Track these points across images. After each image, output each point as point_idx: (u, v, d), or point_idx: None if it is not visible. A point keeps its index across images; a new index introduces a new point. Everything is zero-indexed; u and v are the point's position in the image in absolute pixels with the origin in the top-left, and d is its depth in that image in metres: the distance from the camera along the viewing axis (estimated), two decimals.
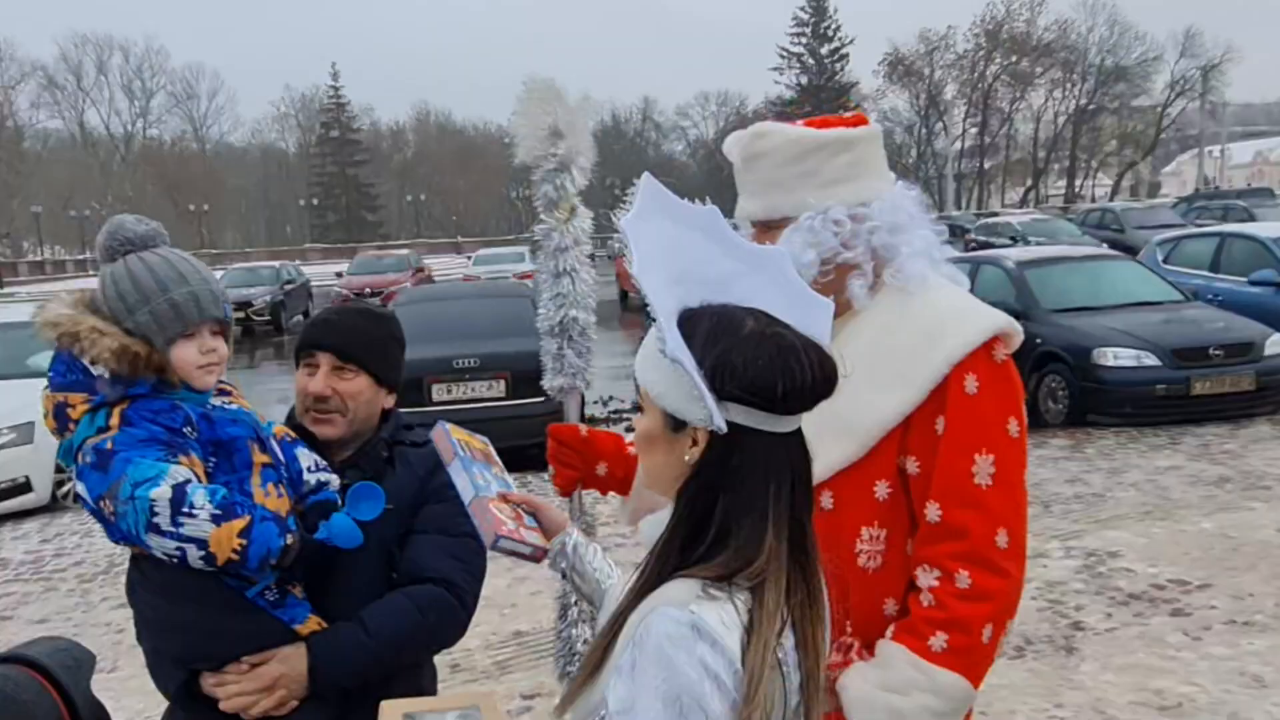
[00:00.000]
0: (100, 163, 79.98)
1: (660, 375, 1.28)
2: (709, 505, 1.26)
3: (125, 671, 4.90)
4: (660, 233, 1.34)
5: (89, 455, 1.69)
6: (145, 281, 1.76)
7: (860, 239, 1.70)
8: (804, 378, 1.25)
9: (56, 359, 1.78)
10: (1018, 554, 1.62)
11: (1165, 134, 66.91)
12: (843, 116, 1.79)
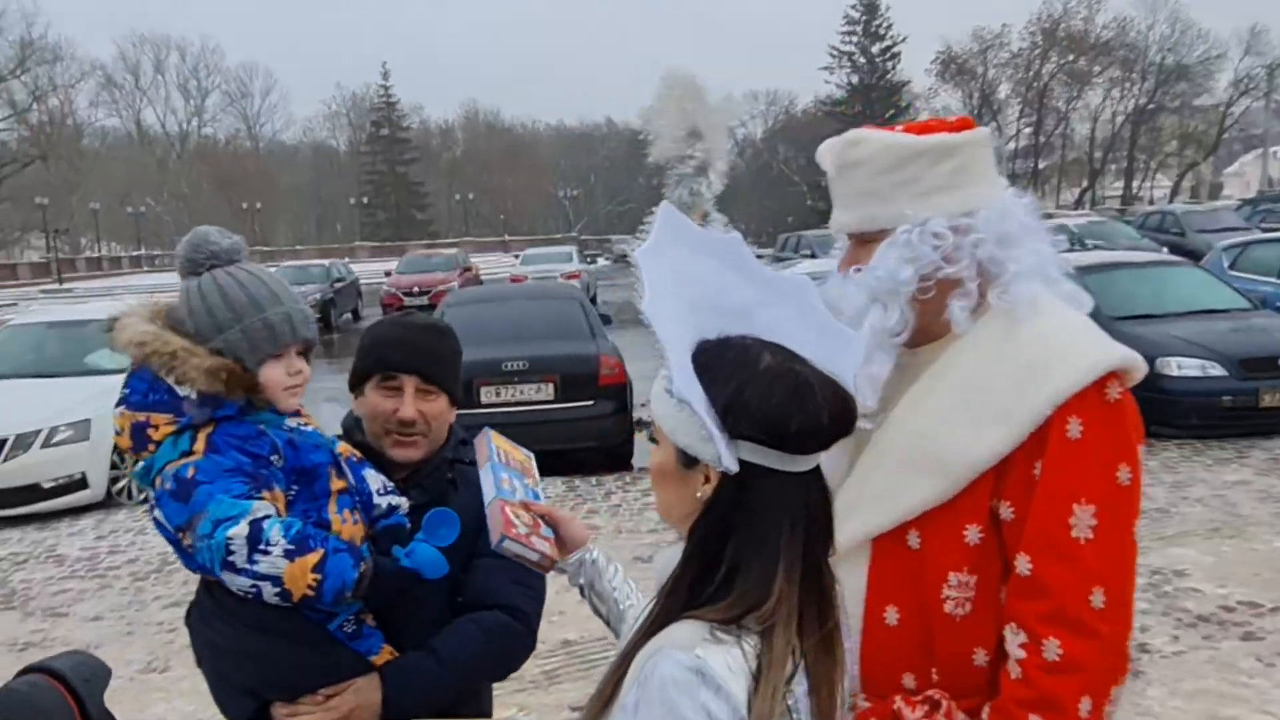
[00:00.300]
0: (156, 160, 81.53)
1: (671, 411, 1.26)
2: (719, 544, 1.23)
3: (177, 672, 4.92)
4: (676, 262, 1.32)
5: (169, 482, 1.65)
6: (238, 298, 1.72)
7: (964, 253, 1.56)
8: (819, 417, 1.21)
9: (136, 376, 1.73)
10: (1116, 615, 1.46)
11: (1228, 134, 65.34)
12: (946, 120, 1.65)
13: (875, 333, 1.57)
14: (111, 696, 4.96)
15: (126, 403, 1.73)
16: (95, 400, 8.31)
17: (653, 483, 1.36)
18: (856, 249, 1.65)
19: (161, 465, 1.67)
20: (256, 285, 1.74)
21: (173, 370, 1.67)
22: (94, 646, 5.27)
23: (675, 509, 1.31)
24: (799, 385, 1.22)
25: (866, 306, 1.58)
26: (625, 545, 6.40)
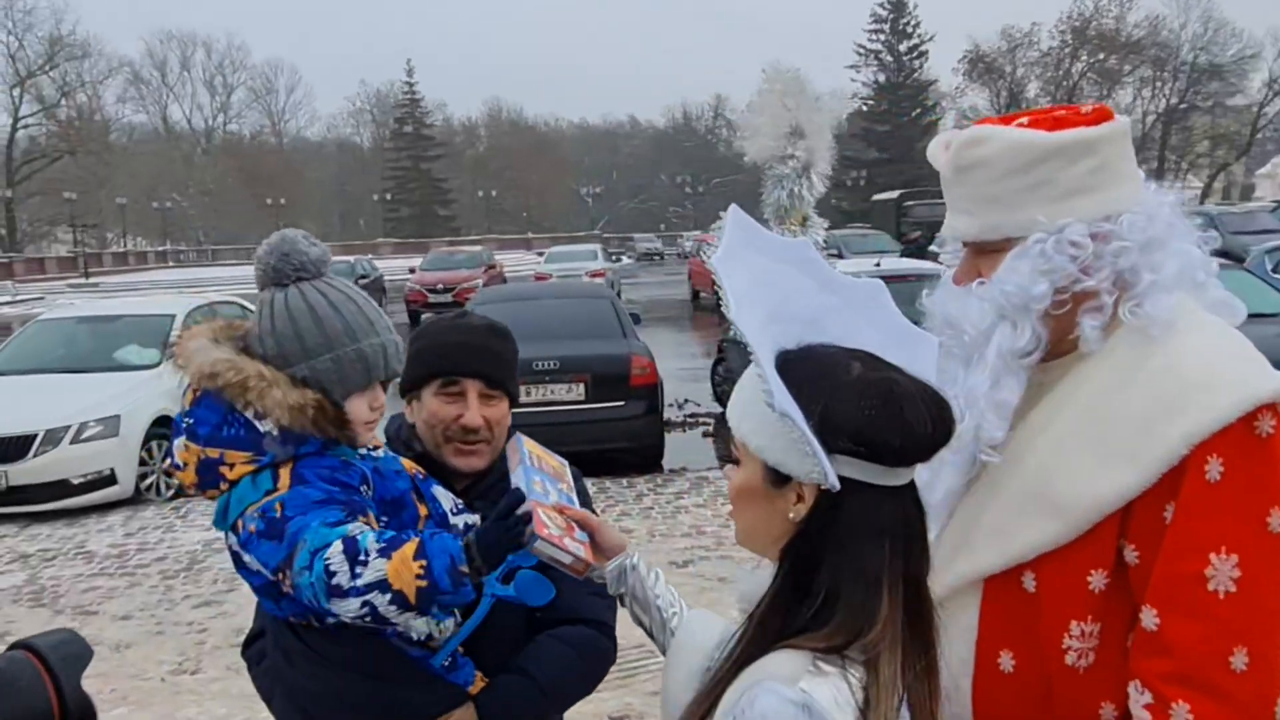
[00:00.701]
0: (183, 156, 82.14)
1: (760, 425, 1.18)
2: (815, 567, 1.16)
3: (209, 674, 4.85)
4: (751, 268, 1.25)
5: (256, 523, 1.48)
6: (332, 324, 1.55)
7: (1104, 262, 1.37)
8: (922, 429, 1.14)
9: (202, 404, 1.54)
10: (1262, 678, 1.27)
11: (1261, 134, 64.51)
12: (1080, 110, 1.44)
13: (1003, 354, 1.40)
14: (143, 699, 4.90)
15: (195, 435, 1.54)
16: (125, 396, 8.30)
17: (733, 505, 1.27)
18: (976, 259, 1.47)
19: (243, 507, 1.51)
20: (352, 310, 1.57)
21: (252, 403, 1.50)
22: (124, 646, 5.22)
23: (761, 532, 1.23)
24: (897, 394, 1.14)
25: (993, 324, 1.41)
26: (660, 550, 6.28)
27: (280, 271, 1.58)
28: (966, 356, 1.43)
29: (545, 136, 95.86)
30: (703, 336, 20.45)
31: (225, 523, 1.54)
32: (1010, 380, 1.40)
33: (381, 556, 1.41)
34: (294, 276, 1.58)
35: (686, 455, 9.63)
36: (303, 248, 1.59)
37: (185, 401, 1.58)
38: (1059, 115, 1.44)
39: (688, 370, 14.36)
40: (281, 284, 1.58)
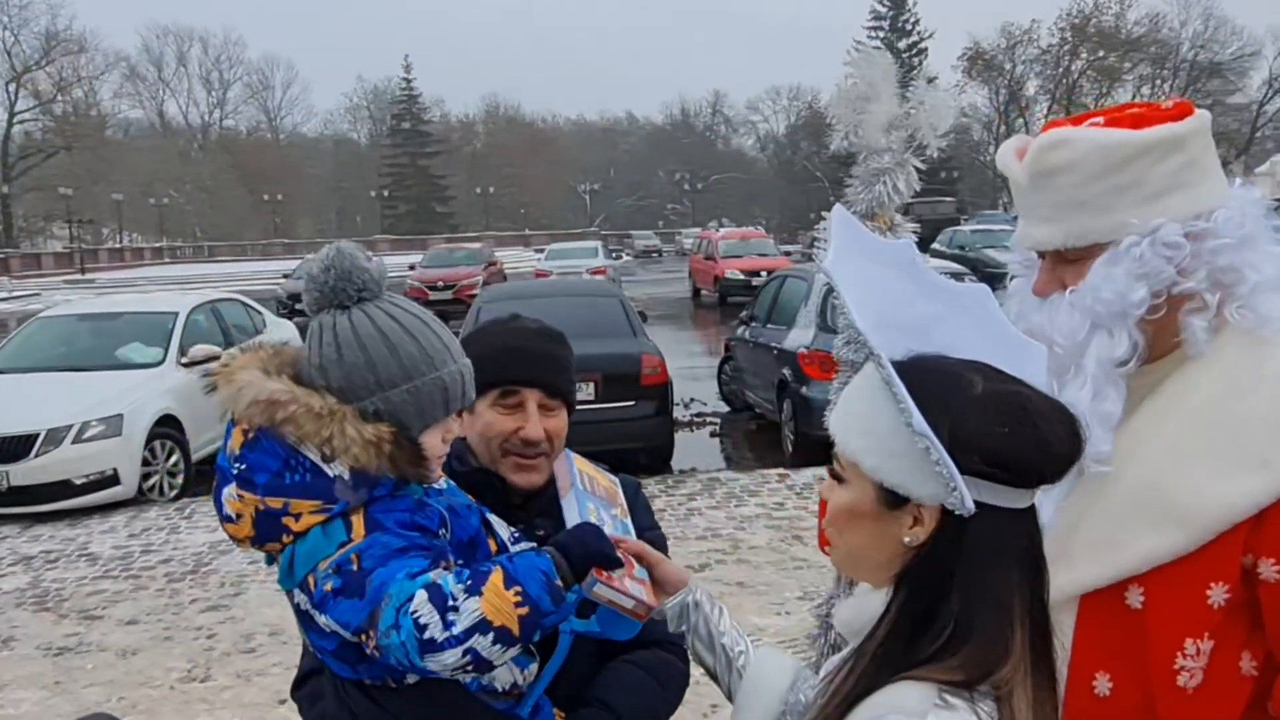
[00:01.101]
0: (179, 151, 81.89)
1: (875, 444, 1.09)
2: (939, 595, 1.07)
3: (219, 681, 4.74)
4: (860, 272, 1.17)
5: (332, 579, 1.30)
6: (408, 352, 1.38)
7: (1201, 262, 1.32)
8: (1059, 447, 1.05)
9: (257, 448, 1.34)
10: None
11: (1260, 132, 64.56)
12: (1160, 106, 1.39)
13: (1103, 364, 1.34)
14: (152, 706, 4.77)
15: (250, 484, 1.34)
16: (127, 395, 8.18)
17: (834, 526, 1.16)
18: (1058, 267, 1.40)
19: (314, 563, 1.33)
20: (427, 334, 1.40)
21: (323, 441, 1.31)
22: (131, 653, 5.11)
23: (870, 556, 1.13)
24: (1031, 411, 1.05)
25: (1088, 334, 1.35)
26: (675, 555, 6.06)
27: (340, 292, 1.40)
28: (1061, 369, 1.37)
29: (542, 133, 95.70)
30: (704, 335, 20.36)
31: (292, 580, 1.36)
32: (1111, 390, 1.35)
33: (471, 595, 1.27)
34: (356, 297, 1.40)
35: (695, 456, 9.53)
36: (363, 264, 1.41)
37: (233, 443, 1.37)
38: (1137, 113, 1.38)
39: (691, 369, 14.25)
40: (343, 305, 1.40)
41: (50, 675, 4.90)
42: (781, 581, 5.66)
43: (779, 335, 9.39)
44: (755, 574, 5.81)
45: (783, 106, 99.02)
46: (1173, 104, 1.39)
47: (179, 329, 9.24)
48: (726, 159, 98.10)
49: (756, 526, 6.69)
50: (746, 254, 25.13)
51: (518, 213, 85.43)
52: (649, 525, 1.77)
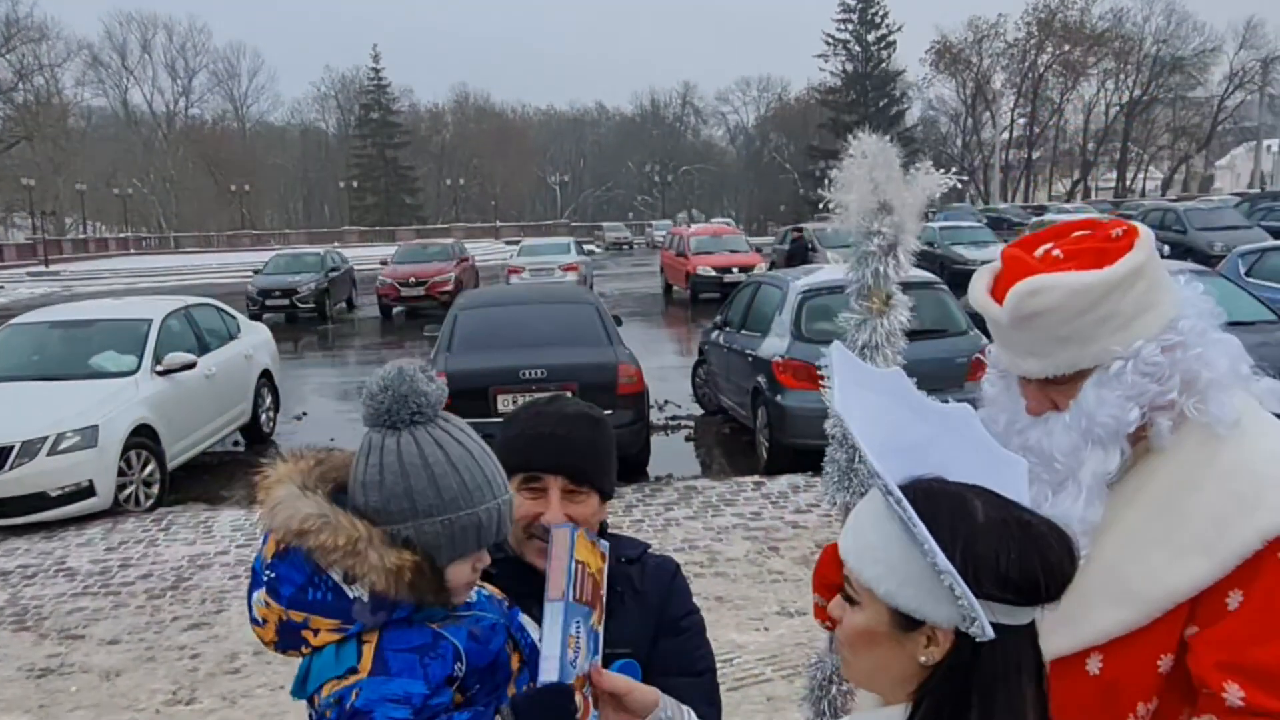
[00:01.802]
0: (143, 141, 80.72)
1: (889, 570, 1.15)
2: (959, 713, 1.13)
3: (204, 704, 4.77)
4: (863, 404, 1.26)
5: (331, 709, 1.37)
6: (448, 485, 1.39)
7: (1176, 369, 1.45)
8: (1062, 569, 1.13)
9: (288, 559, 1.39)
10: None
11: (1221, 127, 65.47)
12: (1110, 234, 1.51)
13: (1097, 478, 1.46)
14: None
15: (277, 594, 1.39)
16: (103, 405, 8.14)
17: (849, 646, 1.23)
18: (1047, 389, 1.52)
19: (322, 681, 1.38)
20: (471, 468, 1.42)
21: (347, 566, 1.35)
22: (114, 674, 5.12)
23: (884, 675, 1.20)
24: (1031, 534, 1.13)
25: (1084, 451, 1.47)
26: None
27: (395, 415, 1.41)
28: (1057, 482, 1.49)
29: (512, 124, 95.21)
30: (676, 333, 20.42)
31: (304, 692, 1.41)
32: (1097, 500, 1.47)
33: None
34: (410, 421, 1.42)
35: (671, 461, 9.62)
36: (422, 387, 1.42)
37: (267, 550, 1.42)
38: (1093, 245, 1.49)
39: (664, 369, 14.31)
40: (394, 426, 1.42)
41: (34, 699, 4.91)
42: (760, 596, 5.76)
43: (753, 342, 9.47)
44: (733, 588, 5.91)
45: (752, 98, 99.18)
46: (1122, 232, 1.51)
47: (153, 336, 9.18)
48: (696, 150, 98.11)
49: (733, 537, 6.78)
50: (718, 250, 25.17)
51: (487, 204, 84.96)
52: (687, 611, 1.77)
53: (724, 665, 4.88)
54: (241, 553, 6.83)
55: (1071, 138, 70.68)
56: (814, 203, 67.18)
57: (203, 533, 7.35)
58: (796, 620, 5.35)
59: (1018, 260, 1.52)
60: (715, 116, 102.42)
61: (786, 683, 4.64)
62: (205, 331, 10.32)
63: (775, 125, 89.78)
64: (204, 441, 9.71)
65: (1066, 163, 71.31)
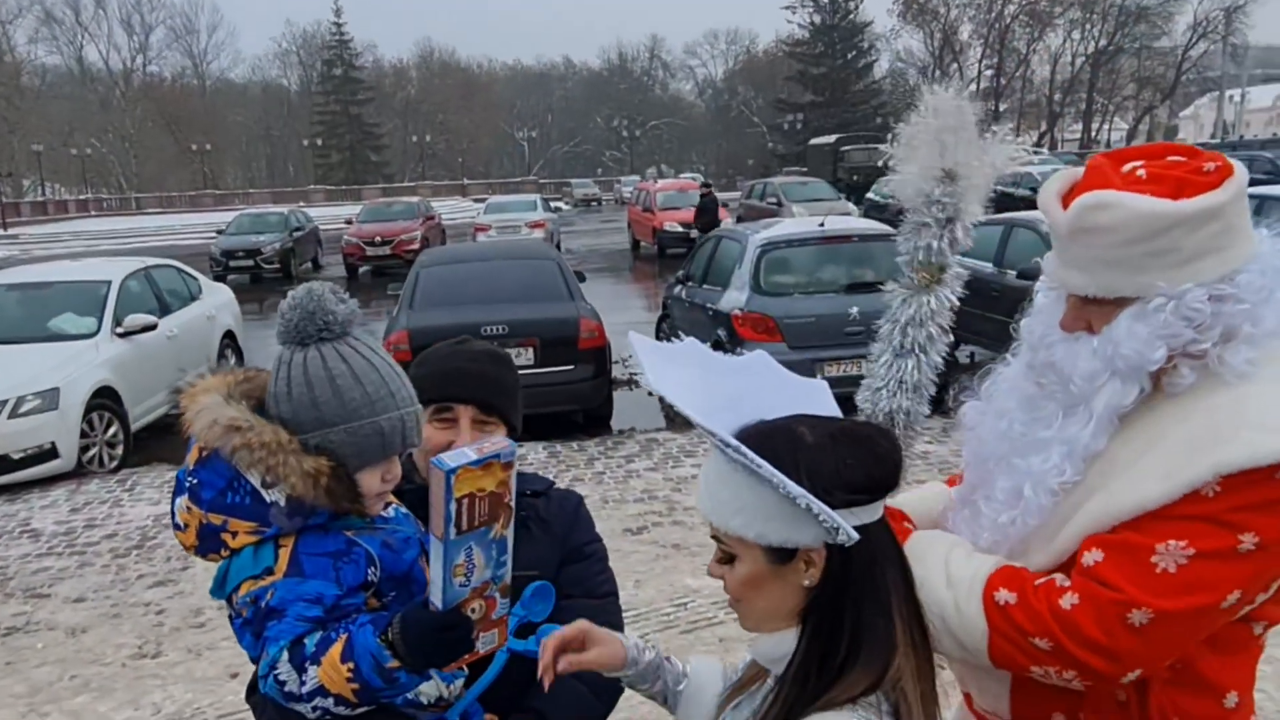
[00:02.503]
0: (100, 99, 79.02)
1: (752, 516, 1.24)
2: (838, 617, 1.24)
3: (170, 657, 4.86)
4: (674, 379, 1.34)
5: (248, 609, 1.46)
6: (350, 396, 1.47)
7: (1219, 321, 1.39)
8: (892, 459, 1.25)
9: (208, 466, 1.47)
10: (1147, 640, 1.36)
11: (1185, 76, 65.77)
12: (1201, 167, 1.43)
13: (1110, 409, 1.46)
14: (104, 684, 4.88)
15: (198, 499, 1.48)
16: (63, 367, 8.12)
17: (740, 599, 1.31)
18: (1086, 308, 1.48)
19: (239, 581, 1.47)
20: (374, 380, 1.49)
21: (266, 469, 1.43)
22: (80, 630, 5.19)
23: (777, 610, 1.29)
24: (857, 439, 1.25)
25: (1103, 379, 1.46)
26: (613, 517, 6.39)
27: (302, 330, 1.49)
28: (1070, 404, 1.49)
29: (477, 79, 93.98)
30: (644, 289, 20.45)
31: (222, 593, 1.50)
32: (1104, 432, 1.47)
33: (313, 664, 1.42)
34: (317, 336, 1.49)
35: (634, 415, 9.73)
36: (330, 305, 1.49)
37: (190, 458, 1.51)
38: (1179, 173, 1.42)
39: (631, 324, 14.37)
40: (303, 343, 1.50)
41: (0, 656, 4.98)
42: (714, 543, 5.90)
43: (714, 296, 9.56)
44: (690, 535, 6.05)
45: (720, 51, 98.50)
46: (1215, 168, 1.42)
47: (113, 298, 9.14)
48: (664, 105, 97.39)
49: (692, 487, 6.91)
50: (685, 206, 25.16)
51: (454, 161, 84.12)
52: (589, 539, 1.89)
53: (678, 609, 5.04)
54: None
55: (1038, 89, 70.87)
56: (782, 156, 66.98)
57: (167, 492, 7.36)
58: None
59: (1099, 171, 1.47)
60: (683, 70, 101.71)
61: (737, 624, 4.79)
62: (166, 293, 10.27)
63: (743, 79, 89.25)
64: (167, 402, 9.69)
65: (1033, 114, 71.45)
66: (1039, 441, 1.51)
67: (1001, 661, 1.47)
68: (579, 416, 8.93)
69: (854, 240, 9.15)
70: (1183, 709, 1.48)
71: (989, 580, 1.47)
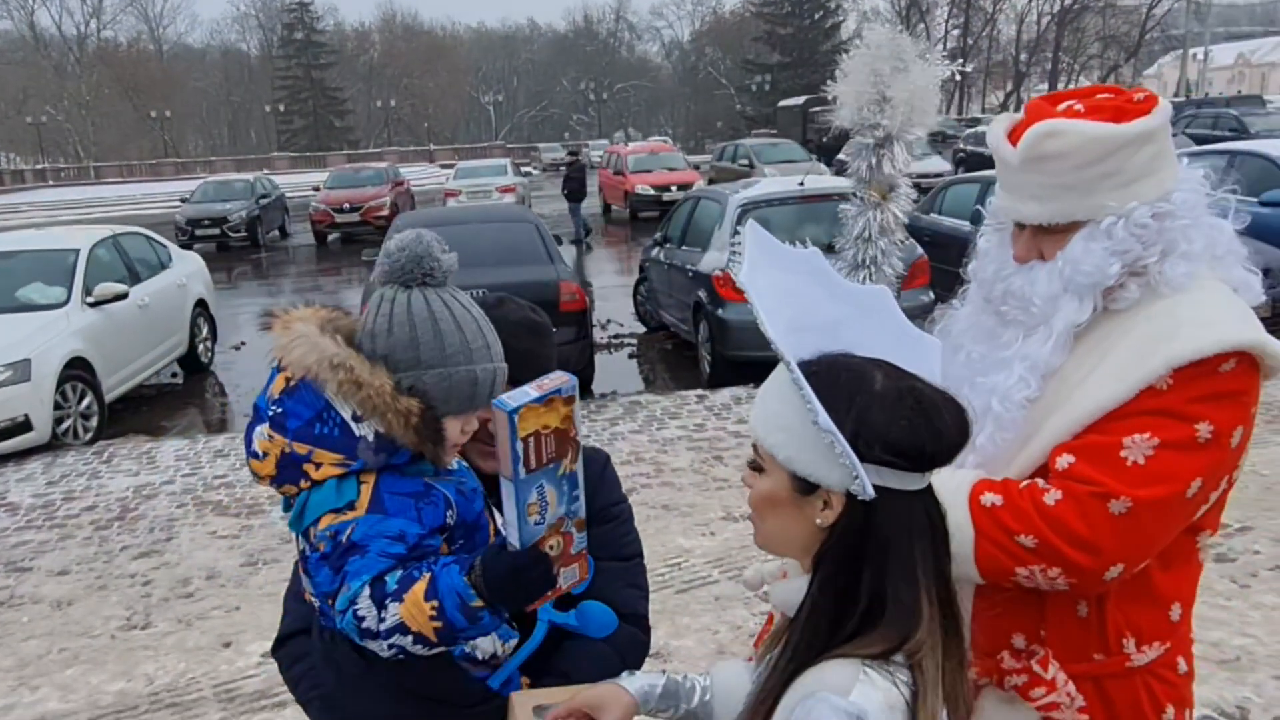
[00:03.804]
0: (54, 65, 77.09)
1: (789, 437, 1.23)
2: (854, 573, 1.22)
3: (161, 628, 4.81)
4: (773, 283, 1.31)
5: (326, 543, 1.44)
6: (452, 339, 1.48)
7: (1162, 237, 1.53)
8: (950, 435, 1.20)
9: (297, 395, 1.46)
10: (1129, 527, 1.44)
11: (1149, 35, 66.03)
12: (1129, 95, 1.58)
13: (1068, 325, 1.56)
14: (95, 657, 4.83)
15: (282, 427, 1.45)
16: (33, 338, 7.97)
17: (756, 511, 1.32)
18: (1039, 238, 1.60)
19: (321, 513, 1.45)
20: (473, 330, 1.50)
21: (359, 402, 1.42)
22: (66, 603, 5.13)
23: (788, 538, 1.29)
24: (923, 403, 1.20)
25: (1061, 298, 1.56)
26: None
27: (408, 273, 1.50)
28: (1031, 325, 1.60)
29: (442, 42, 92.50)
30: (617, 253, 20.38)
31: (300, 525, 1.48)
32: (1063, 347, 1.58)
33: (395, 601, 1.41)
34: (421, 280, 1.50)
35: (615, 379, 9.72)
36: (437, 253, 1.51)
37: (274, 388, 1.48)
38: (1113, 102, 1.55)
39: (606, 288, 14.35)
40: (407, 285, 1.50)
41: None
42: (705, 503, 5.91)
43: (693, 257, 9.53)
44: (679, 496, 6.05)
45: (687, 12, 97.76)
46: (1143, 95, 1.58)
47: (81, 266, 8.97)
48: (631, 67, 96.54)
49: (678, 449, 6.92)
50: (656, 168, 25.03)
51: (420, 127, 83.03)
52: (616, 500, 1.86)
53: (672, 570, 5.04)
54: (188, 481, 6.80)
55: (1005, 48, 70.91)
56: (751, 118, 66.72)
57: (146, 463, 7.30)
58: (741, 524, 5.51)
59: (1039, 109, 1.59)
60: (650, 32, 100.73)
61: (732, 583, 4.80)
62: (136, 261, 10.09)
63: (711, 40, 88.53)
64: (141, 373, 9.57)
65: (1000, 74, 71.56)
66: (1000, 360, 1.61)
67: (987, 566, 1.51)
68: None
69: (834, 199, 9.09)
70: (1134, 621, 1.58)
71: (974, 487, 1.53)
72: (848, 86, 2.06)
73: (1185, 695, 1.66)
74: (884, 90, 2.01)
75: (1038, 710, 1.58)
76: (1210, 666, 3.89)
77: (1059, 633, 1.59)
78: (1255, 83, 73.57)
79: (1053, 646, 1.59)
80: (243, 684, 4.25)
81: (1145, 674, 1.60)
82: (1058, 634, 1.59)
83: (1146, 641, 1.60)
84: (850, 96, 2.05)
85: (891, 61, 1.98)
